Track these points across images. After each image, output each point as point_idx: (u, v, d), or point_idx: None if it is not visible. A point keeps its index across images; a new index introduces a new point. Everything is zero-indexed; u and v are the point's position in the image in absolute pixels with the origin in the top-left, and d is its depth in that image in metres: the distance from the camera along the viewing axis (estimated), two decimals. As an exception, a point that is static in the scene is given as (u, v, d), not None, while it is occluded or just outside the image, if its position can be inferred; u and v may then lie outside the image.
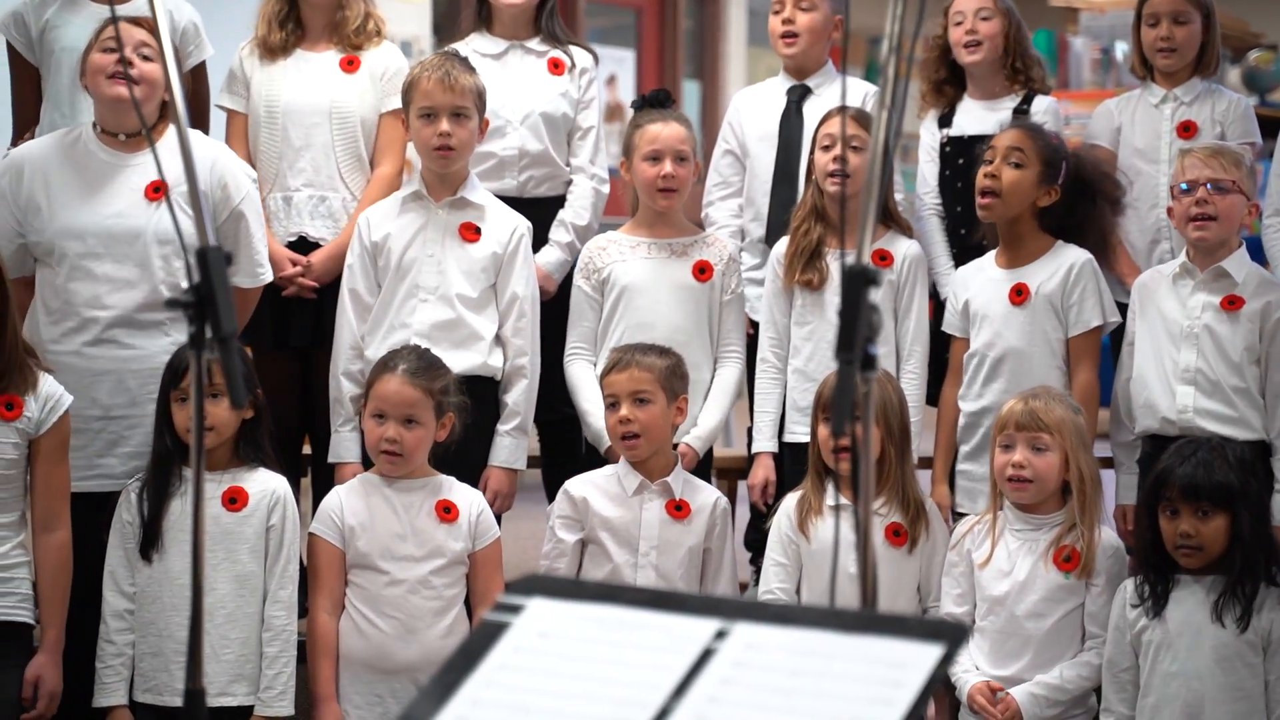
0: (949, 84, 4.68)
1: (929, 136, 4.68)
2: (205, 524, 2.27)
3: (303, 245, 4.40)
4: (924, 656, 1.63)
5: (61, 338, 3.89)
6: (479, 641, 1.80)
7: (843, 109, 4.19)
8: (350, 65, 4.44)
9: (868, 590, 2.01)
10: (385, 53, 4.51)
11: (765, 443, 4.32)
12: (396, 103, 4.29)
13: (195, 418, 2.21)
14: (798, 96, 4.69)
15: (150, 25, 3.87)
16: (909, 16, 2.03)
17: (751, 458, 4.38)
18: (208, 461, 3.65)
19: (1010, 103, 4.57)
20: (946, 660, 1.62)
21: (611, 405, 3.97)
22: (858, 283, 2.02)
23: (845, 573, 3.43)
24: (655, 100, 4.40)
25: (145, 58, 3.85)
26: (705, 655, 1.71)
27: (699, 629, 1.74)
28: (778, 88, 4.75)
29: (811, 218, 4.28)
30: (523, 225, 4.24)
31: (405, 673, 3.78)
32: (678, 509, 3.95)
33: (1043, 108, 4.56)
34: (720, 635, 1.73)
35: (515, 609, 1.82)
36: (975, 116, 4.57)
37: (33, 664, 3.60)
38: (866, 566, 2.01)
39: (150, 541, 3.69)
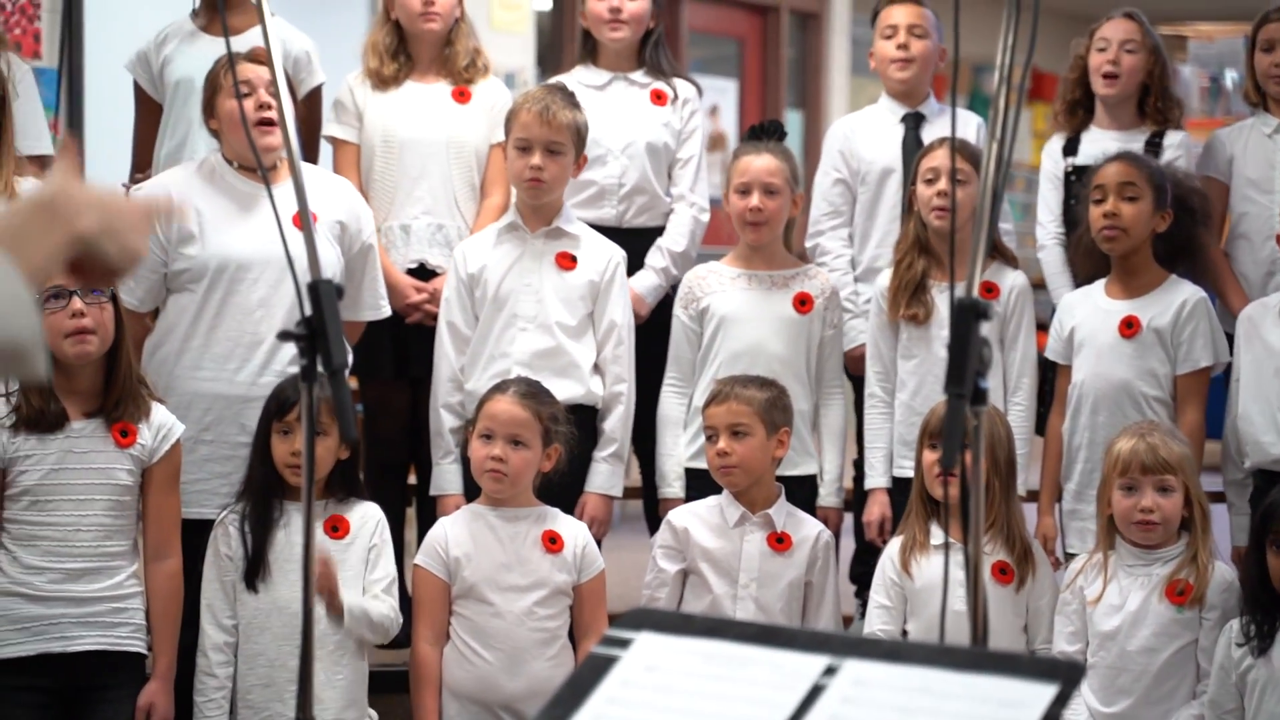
0: (1082, 106, 4.63)
1: (1052, 164, 4.64)
2: (315, 556, 2.28)
3: (422, 273, 4.45)
4: (1038, 696, 1.60)
5: (208, 364, 3.94)
6: (587, 675, 1.80)
7: (951, 141, 4.16)
8: (462, 97, 4.50)
9: (979, 627, 1.99)
10: (494, 86, 4.58)
11: (879, 479, 4.30)
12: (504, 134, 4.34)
13: (306, 447, 2.22)
14: (914, 124, 4.67)
15: (264, 58, 3.92)
16: (1020, 47, 2.02)
17: (863, 493, 4.35)
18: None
19: (1141, 135, 4.53)
20: (1061, 700, 1.60)
21: (710, 437, 3.96)
22: (968, 316, 2.00)
23: (951, 610, 3.39)
24: (765, 131, 4.40)
25: (275, 94, 3.90)
26: (815, 691, 1.70)
27: (808, 665, 1.73)
28: (885, 116, 4.72)
29: (914, 250, 4.26)
30: (618, 254, 4.26)
31: (510, 704, 3.78)
32: (779, 541, 3.93)
33: (1175, 141, 4.51)
34: (829, 671, 1.72)
35: (623, 643, 1.82)
36: (1102, 147, 4.49)
37: (145, 691, 3.64)
38: (977, 603, 1.99)
39: (255, 572, 3.72)
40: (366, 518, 3.80)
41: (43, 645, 3.55)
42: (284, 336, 2.28)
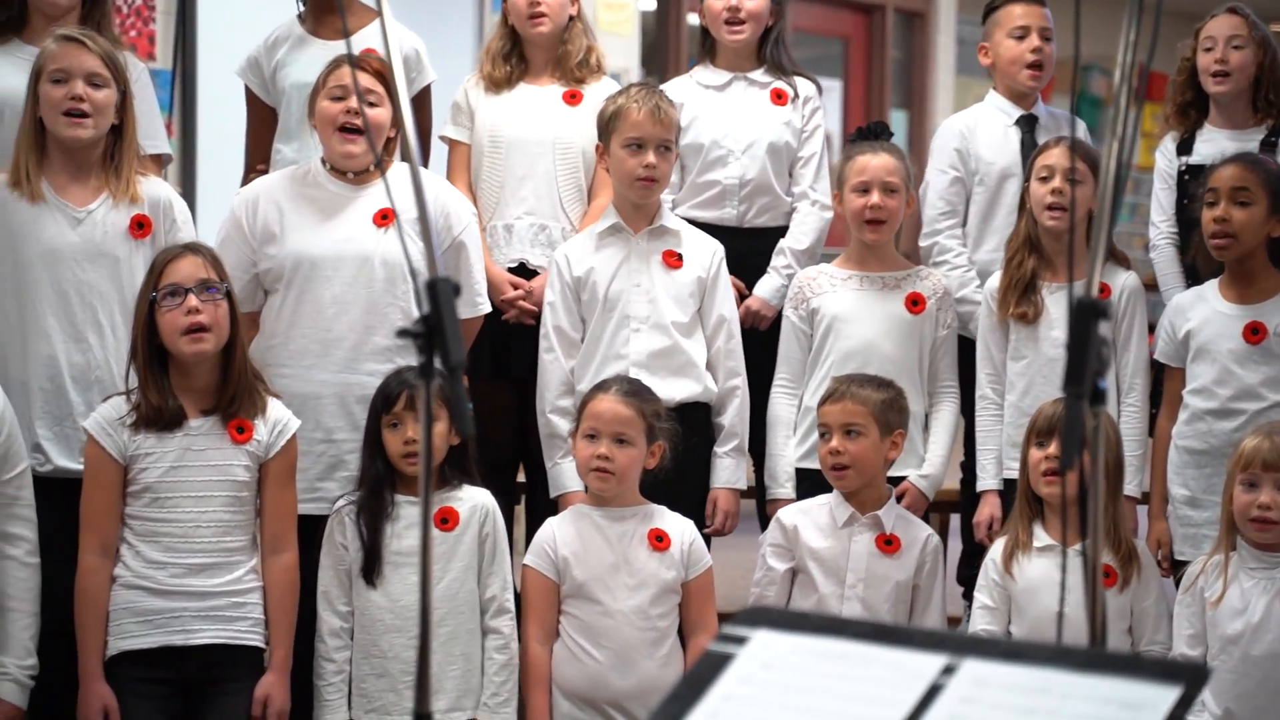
0: (1194, 107, 4.58)
1: (1166, 163, 4.59)
2: (431, 550, 2.30)
3: (523, 273, 4.47)
4: (1161, 698, 1.59)
5: (289, 360, 3.98)
6: (704, 672, 1.80)
7: (1072, 139, 4.14)
8: (573, 99, 4.52)
9: (1096, 628, 1.97)
10: (606, 87, 4.57)
11: (990, 480, 4.28)
12: None
13: (424, 446, 2.24)
14: (1029, 126, 4.64)
15: (375, 67, 3.96)
16: (1141, 46, 2.00)
17: (971, 495, 4.33)
18: (415, 485, 3.71)
19: (1257, 134, 4.47)
20: (1185, 703, 1.58)
21: (823, 435, 3.96)
22: (1087, 316, 1.99)
23: (1051, 611, 3.38)
24: (872, 132, 4.39)
25: (371, 104, 3.95)
26: (933, 691, 1.69)
27: (926, 664, 1.73)
28: (999, 117, 4.68)
29: (1025, 249, 4.23)
30: (719, 248, 4.27)
31: (620, 703, 3.79)
32: (888, 543, 3.92)
33: None
34: (948, 670, 1.71)
35: (740, 640, 1.82)
36: (1218, 146, 4.45)
37: (261, 683, 3.67)
38: (1096, 603, 1.98)
39: (372, 565, 3.75)
40: (476, 507, 3.82)
41: (164, 638, 3.60)
42: (403, 334, 2.30)
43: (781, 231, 4.60)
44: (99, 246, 3.87)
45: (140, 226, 3.89)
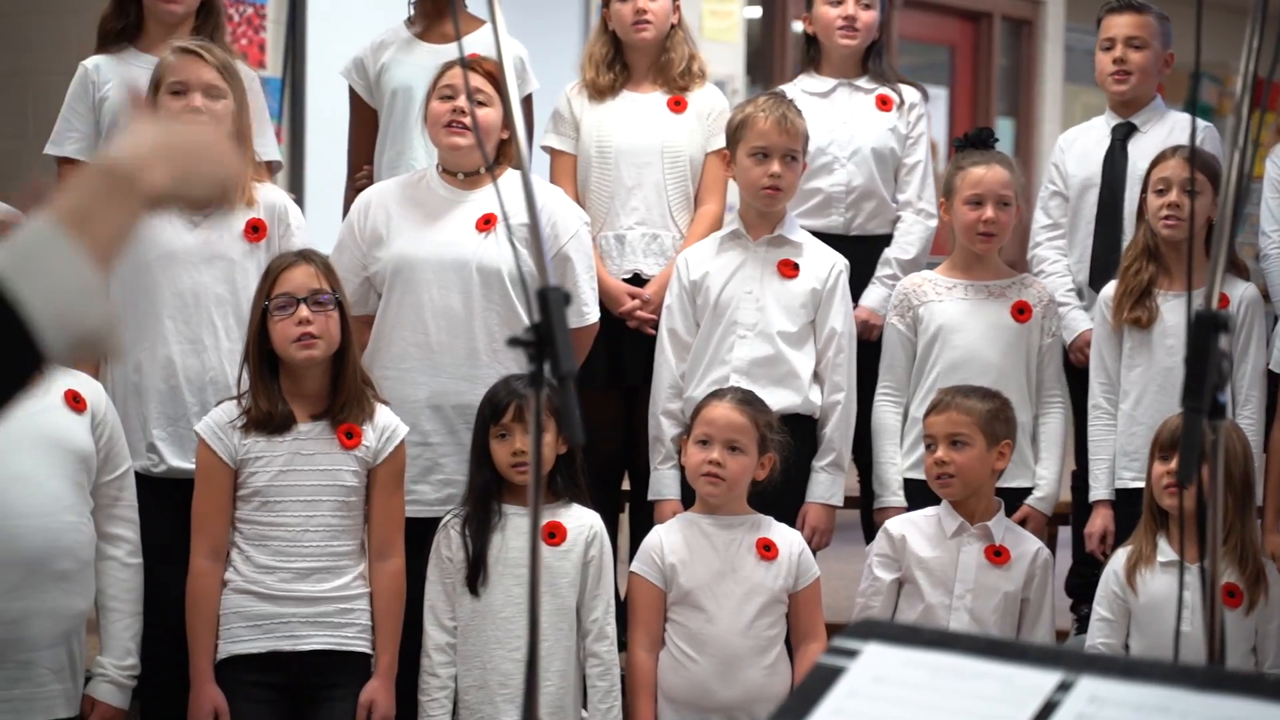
0: None
1: (1277, 172, 4.53)
2: (541, 560, 2.30)
3: (637, 283, 4.48)
4: (1284, 719, 1.56)
5: (389, 364, 4.01)
6: (814, 685, 1.79)
7: (1191, 150, 4.09)
8: (678, 106, 4.52)
9: (1215, 646, 1.94)
10: (710, 93, 4.59)
11: (1103, 491, 4.24)
12: (721, 142, 4.35)
13: (534, 453, 2.24)
14: (1122, 135, 4.60)
15: (486, 68, 3.98)
16: (1264, 53, 1.97)
17: (1081, 505, 4.28)
18: (524, 496, 3.72)
19: None
20: (1309, 723, 1.55)
21: (929, 446, 3.93)
22: (1206, 329, 1.96)
23: (1172, 628, 3.31)
24: (978, 140, 4.36)
25: (480, 103, 3.97)
26: (1048, 708, 1.67)
27: (1040, 680, 1.70)
28: (1101, 127, 4.67)
29: (1143, 258, 4.20)
30: (841, 262, 4.25)
31: (724, 711, 3.78)
32: (997, 554, 3.89)
33: None
34: (1063, 687, 1.69)
35: (850, 653, 1.80)
36: None
37: (366, 689, 3.69)
38: (1215, 621, 1.95)
39: (476, 575, 3.75)
40: (583, 526, 3.82)
41: (273, 643, 3.63)
42: (514, 343, 2.30)
43: (887, 239, 4.58)
44: (215, 250, 3.92)
45: (255, 230, 3.94)
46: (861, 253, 4.44)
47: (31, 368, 1.36)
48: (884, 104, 4.63)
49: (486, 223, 3.99)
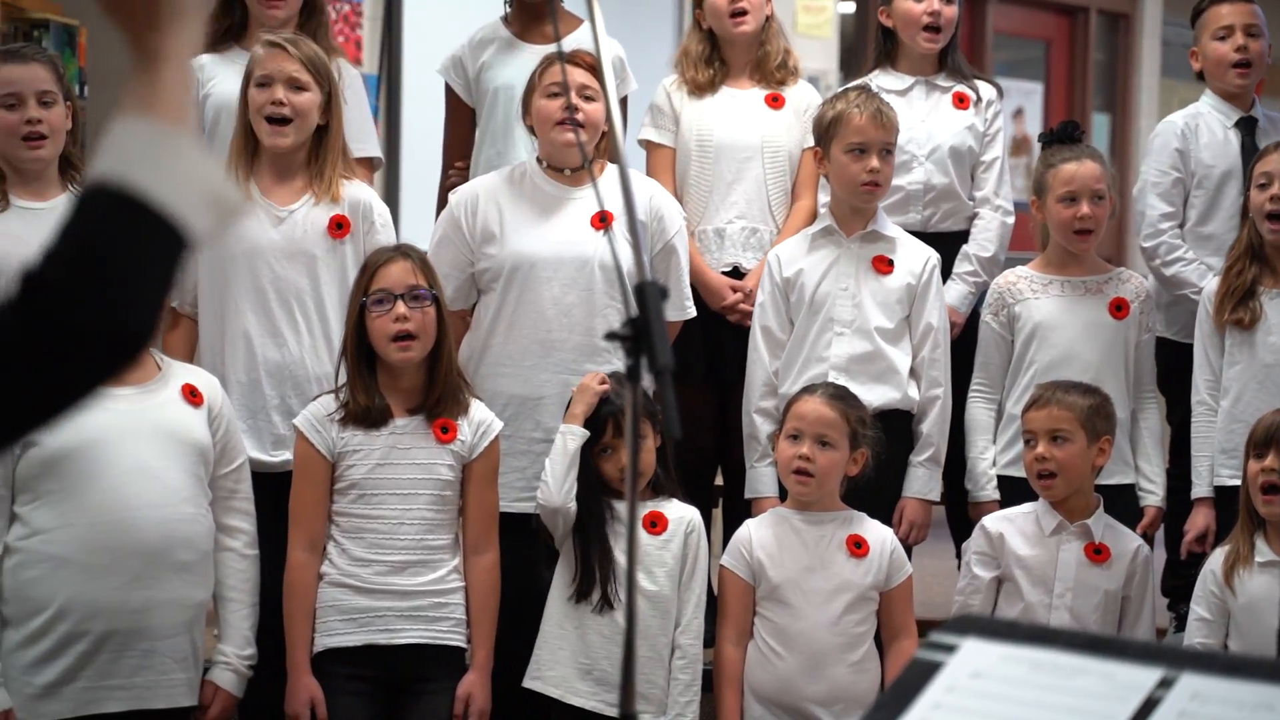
0: None
1: None
2: (638, 557, 2.32)
3: (736, 276, 4.47)
4: (1390, 717, 1.55)
5: (508, 360, 4.03)
6: (911, 680, 1.79)
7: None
8: (776, 101, 4.52)
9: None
10: (805, 89, 4.59)
11: (1204, 488, 4.20)
12: None
13: (630, 445, 2.26)
14: (1249, 130, 4.56)
15: (589, 63, 3.99)
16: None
17: (1179, 503, 4.25)
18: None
19: None
20: None
21: (1028, 442, 3.91)
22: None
23: (1273, 630, 3.29)
24: (1064, 134, 4.32)
25: (588, 98, 3.99)
26: (1149, 705, 1.66)
27: (1141, 677, 1.69)
28: (1216, 119, 4.60)
29: (1245, 257, 4.16)
30: (934, 256, 4.25)
31: (810, 707, 3.77)
32: (1097, 552, 3.86)
33: None
34: (1164, 684, 1.68)
35: (948, 648, 1.80)
36: None
37: (464, 682, 3.72)
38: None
39: (589, 584, 3.76)
40: (684, 519, 3.82)
41: (368, 636, 3.67)
42: (610, 337, 2.31)
43: (965, 236, 4.56)
44: (298, 245, 3.95)
45: (339, 227, 3.97)
46: (940, 250, 4.39)
47: (175, 245, 1.40)
48: (961, 101, 4.60)
49: (601, 220, 4.00)
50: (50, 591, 3.38)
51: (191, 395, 3.56)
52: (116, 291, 1.37)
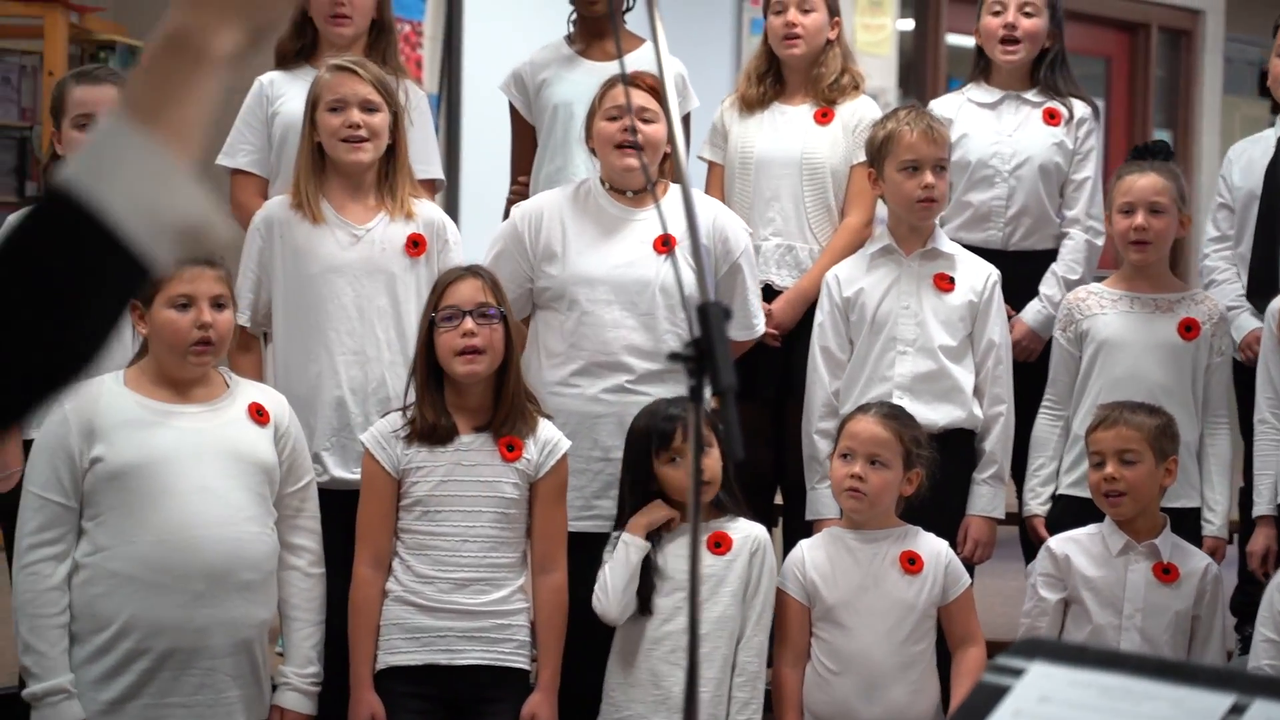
0: None
1: None
2: (700, 572, 2.31)
3: (768, 294, 4.46)
4: None
5: (567, 379, 4.04)
6: (978, 703, 1.77)
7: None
8: (824, 117, 4.51)
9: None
10: (860, 104, 4.56)
11: (1265, 507, 4.16)
12: None
13: (693, 466, 2.25)
14: None
15: (650, 84, 4.00)
16: None
17: (1248, 522, 4.21)
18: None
19: None
20: None
21: (1096, 463, 3.88)
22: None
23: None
24: (1149, 150, 4.30)
25: (646, 120, 3.99)
26: (1220, 731, 1.65)
27: (1212, 703, 1.67)
28: (1269, 138, 4.59)
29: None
30: (994, 273, 4.23)
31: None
32: (1165, 572, 3.83)
33: None
34: (1236, 710, 1.66)
35: (1015, 672, 1.79)
36: None
37: (529, 702, 3.71)
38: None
39: (646, 592, 3.76)
40: (749, 537, 3.80)
41: (430, 656, 3.67)
42: (673, 357, 2.31)
43: (1050, 255, 4.53)
44: (376, 263, 3.97)
45: (415, 245, 3.99)
46: (1021, 269, 4.39)
47: (134, 274, 1.26)
48: (1051, 118, 4.58)
49: (664, 244, 4.01)
50: (114, 608, 3.40)
51: (258, 414, 3.57)
52: (61, 321, 1.25)
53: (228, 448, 3.50)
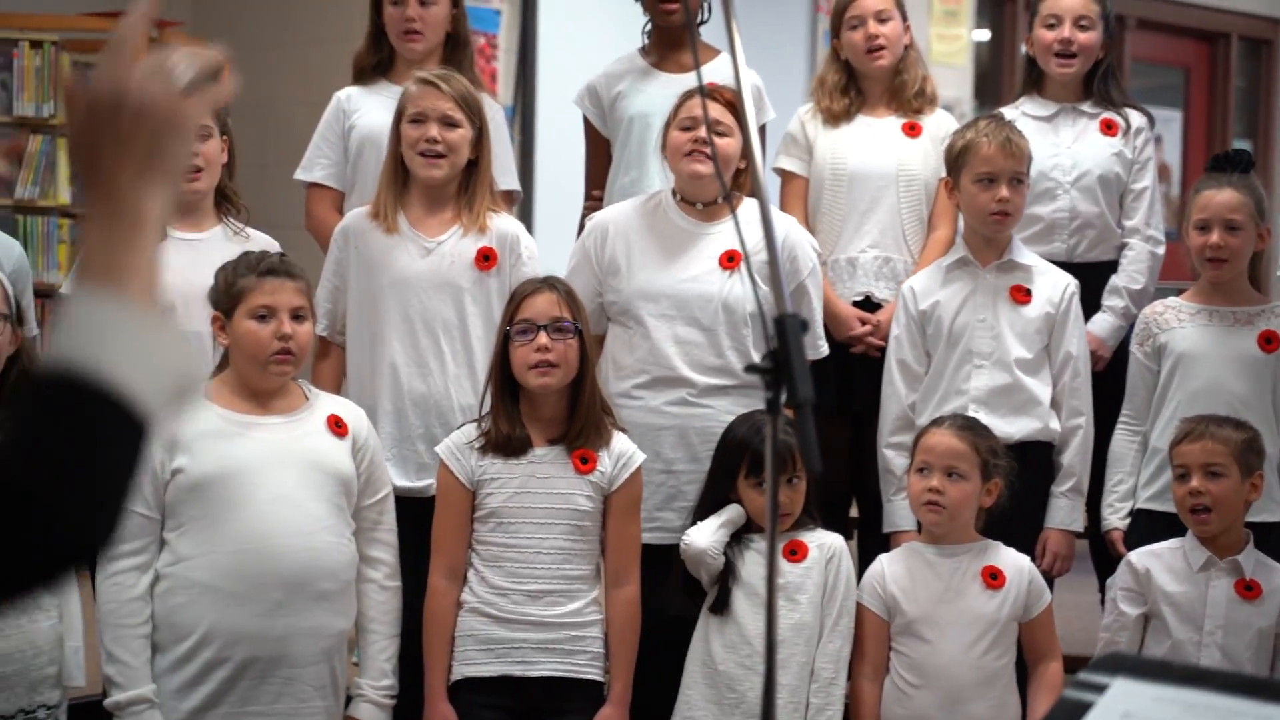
0: None
1: None
2: (777, 583, 2.31)
3: (867, 305, 4.46)
4: None
5: (631, 391, 4.04)
6: (1061, 718, 1.76)
7: None
8: (913, 130, 4.50)
9: None
10: (942, 117, 4.57)
11: None
12: None
13: (771, 478, 2.25)
14: None
15: (725, 97, 4.00)
16: None
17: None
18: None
19: None
20: None
21: (1181, 476, 3.83)
22: None
23: None
24: (1227, 160, 4.26)
25: (720, 134, 3.99)
26: (1306, 749, 1.63)
27: (1299, 720, 1.66)
28: None
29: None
30: (1072, 284, 4.21)
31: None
32: (1248, 589, 3.78)
33: None
34: (1323, 728, 1.64)
35: (1098, 687, 1.77)
36: None
37: (600, 715, 3.71)
38: None
39: (724, 598, 3.76)
40: (826, 546, 3.80)
41: (504, 667, 3.68)
42: (750, 369, 2.30)
43: (1112, 266, 4.51)
44: (445, 276, 4.00)
45: (486, 259, 4.01)
46: (1086, 280, 4.35)
47: (141, 438, 1.30)
48: (1109, 128, 4.56)
49: (730, 260, 4.00)
50: (194, 618, 3.43)
51: (336, 426, 3.60)
52: (78, 497, 1.27)
53: (306, 459, 3.53)
